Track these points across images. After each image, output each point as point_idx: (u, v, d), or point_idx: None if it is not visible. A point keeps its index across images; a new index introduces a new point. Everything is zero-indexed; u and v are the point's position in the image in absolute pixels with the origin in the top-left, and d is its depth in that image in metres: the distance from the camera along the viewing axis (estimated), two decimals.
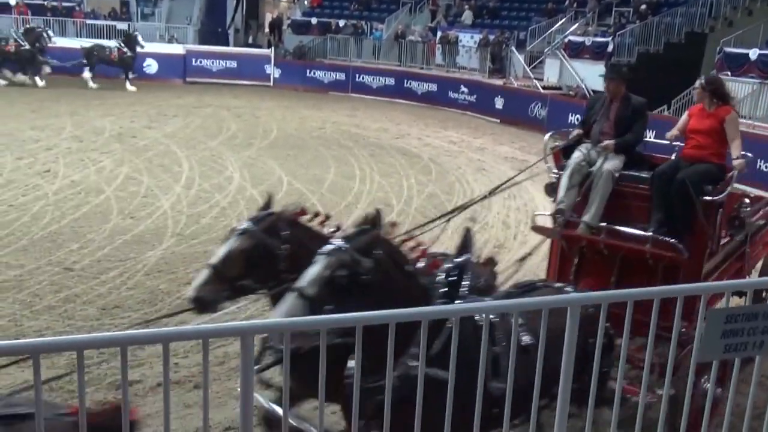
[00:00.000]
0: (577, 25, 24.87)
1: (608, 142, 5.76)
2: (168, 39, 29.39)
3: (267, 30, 38.20)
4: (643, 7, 23.55)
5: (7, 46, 22.74)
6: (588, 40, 22.96)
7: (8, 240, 8.98)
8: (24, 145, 14.47)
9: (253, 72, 27.95)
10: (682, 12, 22.32)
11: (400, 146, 16.82)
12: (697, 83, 5.88)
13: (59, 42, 24.44)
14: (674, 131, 5.96)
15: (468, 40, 27.28)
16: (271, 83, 27.78)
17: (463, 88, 24.13)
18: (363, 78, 26.87)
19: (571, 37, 23.71)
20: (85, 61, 23.38)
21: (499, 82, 23.85)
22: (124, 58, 23.61)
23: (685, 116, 6.02)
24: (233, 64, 28.08)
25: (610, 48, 21.89)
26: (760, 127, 15.31)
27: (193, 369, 6.00)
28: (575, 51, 23.07)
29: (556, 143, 6.07)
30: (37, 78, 22.94)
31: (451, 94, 24.50)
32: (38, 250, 8.70)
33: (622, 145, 5.77)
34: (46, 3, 29.98)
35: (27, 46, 22.66)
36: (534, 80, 23.24)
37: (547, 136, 6.22)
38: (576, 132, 6.05)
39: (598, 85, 21.41)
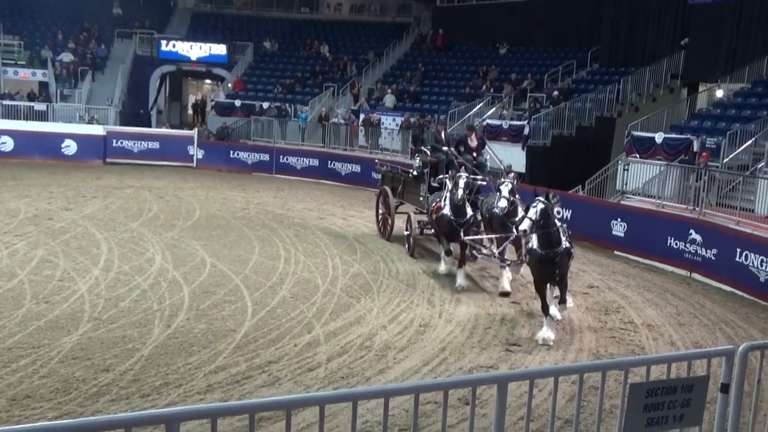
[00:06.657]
0: (494, 109, 25.86)
1: None
2: (88, 120, 29.00)
3: (190, 111, 38.33)
4: (556, 93, 24.76)
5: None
6: (505, 124, 23.85)
7: None
8: None
9: (176, 153, 27.83)
10: (591, 98, 23.58)
11: (325, 226, 16.86)
12: None
13: None
14: None
15: (390, 122, 28.00)
16: (194, 164, 27.69)
17: None
18: (287, 159, 27.08)
19: (489, 120, 24.61)
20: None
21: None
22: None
23: None
24: (155, 144, 27.90)
25: (526, 131, 22.78)
26: (668, 206, 16.05)
27: None
28: (494, 133, 23.91)
29: None
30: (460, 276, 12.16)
31: (375, 175, 24.81)
32: None
33: None
34: None
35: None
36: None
37: None
38: None
39: (518, 165, 22.27)
